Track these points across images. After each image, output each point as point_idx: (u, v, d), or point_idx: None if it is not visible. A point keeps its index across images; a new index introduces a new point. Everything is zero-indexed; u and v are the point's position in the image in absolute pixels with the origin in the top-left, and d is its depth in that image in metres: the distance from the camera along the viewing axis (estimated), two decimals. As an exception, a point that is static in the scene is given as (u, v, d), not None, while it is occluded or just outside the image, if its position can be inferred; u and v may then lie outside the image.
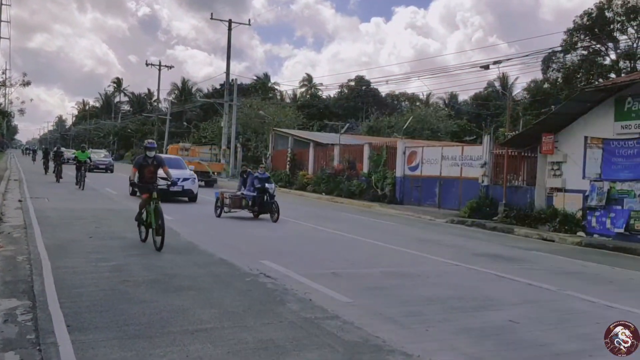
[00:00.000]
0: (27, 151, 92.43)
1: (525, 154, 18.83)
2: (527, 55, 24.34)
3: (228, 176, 38.54)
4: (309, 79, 75.67)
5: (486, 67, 25.87)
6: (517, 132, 27.34)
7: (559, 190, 16.88)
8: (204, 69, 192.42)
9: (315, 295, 7.06)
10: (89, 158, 29.84)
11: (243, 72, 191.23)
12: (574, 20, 37.91)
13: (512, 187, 18.75)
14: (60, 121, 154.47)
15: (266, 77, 76.24)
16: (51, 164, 31.36)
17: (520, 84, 71.28)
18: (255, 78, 74.46)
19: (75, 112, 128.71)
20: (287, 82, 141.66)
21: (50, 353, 4.71)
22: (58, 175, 27.42)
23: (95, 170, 37.96)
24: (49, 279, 7.33)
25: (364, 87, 65.90)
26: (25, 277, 7.45)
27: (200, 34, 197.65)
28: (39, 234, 10.98)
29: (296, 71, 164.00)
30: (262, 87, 68.58)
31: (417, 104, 65.10)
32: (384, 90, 67.01)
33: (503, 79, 57.38)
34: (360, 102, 66.05)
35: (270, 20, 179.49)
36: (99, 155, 45.52)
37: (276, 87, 71.58)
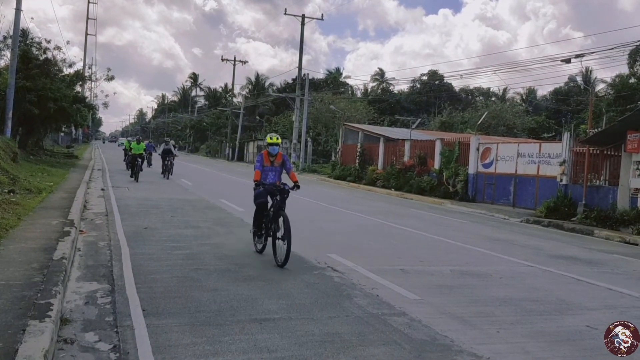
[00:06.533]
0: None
1: (608, 152, 17.91)
2: (612, 49, 22.86)
3: (298, 170, 38.99)
4: (380, 73, 75.25)
5: (567, 61, 24.57)
6: (599, 129, 25.98)
7: (644, 191, 15.91)
8: (267, 61, 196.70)
9: (383, 291, 7.01)
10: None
11: (305, 65, 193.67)
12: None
13: (593, 186, 17.87)
14: (141, 114, 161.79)
15: (337, 71, 76.38)
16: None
17: (603, 77, 67.56)
18: (326, 72, 74.88)
19: (155, 106, 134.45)
20: (358, 77, 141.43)
21: (126, 335, 4.93)
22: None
23: None
24: (127, 264, 7.69)
25: (437, 82, 64.66)
26: (105, 262, 7.85)
27: (260, 27, 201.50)
28: (119, 221, 11.55)
29: (359, 64, 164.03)
30: (333, 81, 68.78)
31: (493, 99, 63.15)
32: (456, 85, 65.33)
33: (586, 74, 54.56)
34: (432, 97, 64.87)
35: (331, 12, 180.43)
36: None
37: (347, 80, 71.50)
